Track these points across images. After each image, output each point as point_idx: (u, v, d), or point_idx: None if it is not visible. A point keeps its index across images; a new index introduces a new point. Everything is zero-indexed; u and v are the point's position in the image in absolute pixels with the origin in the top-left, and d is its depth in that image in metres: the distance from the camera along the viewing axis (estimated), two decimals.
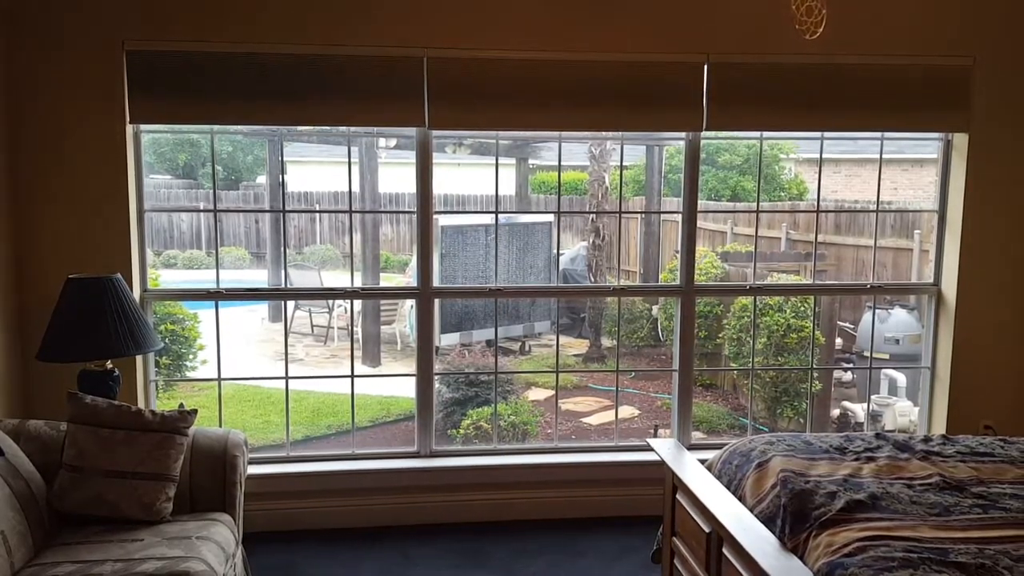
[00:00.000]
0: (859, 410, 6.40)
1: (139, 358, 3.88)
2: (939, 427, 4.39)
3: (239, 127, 5.08)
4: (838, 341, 7.38)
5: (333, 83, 3.82)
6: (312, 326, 9.48)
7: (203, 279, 10.82)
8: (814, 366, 6.04)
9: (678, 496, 2.99)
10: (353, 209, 8.52)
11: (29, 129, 3.68)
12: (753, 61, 4.00)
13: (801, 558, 2.35)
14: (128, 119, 3.75)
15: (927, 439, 3.09)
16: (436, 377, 4.43)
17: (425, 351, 4.20)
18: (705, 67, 3.99)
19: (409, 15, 3.81)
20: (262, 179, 14.01)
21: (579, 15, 3.90)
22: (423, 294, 4.16)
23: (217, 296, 4.08)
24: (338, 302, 9.05)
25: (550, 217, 9.73)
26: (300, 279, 9.99)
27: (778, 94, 4.08)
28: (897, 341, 6.75)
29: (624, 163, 7.39)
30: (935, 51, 4.10)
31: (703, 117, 4.03)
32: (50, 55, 3.65)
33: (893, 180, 11.70)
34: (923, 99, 4.15)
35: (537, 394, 7.43)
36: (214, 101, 3.78)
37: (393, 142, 11.49)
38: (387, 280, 11.11)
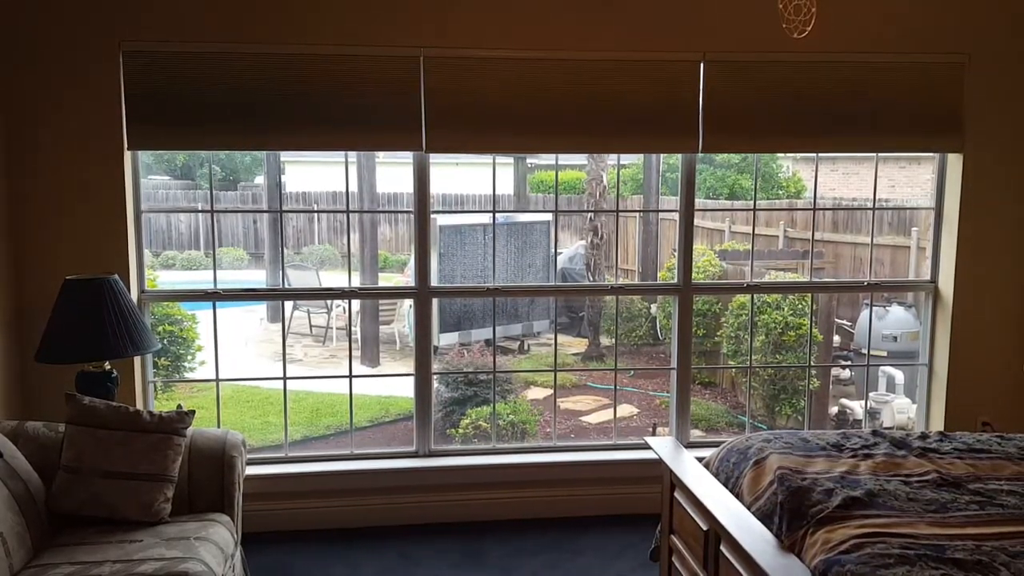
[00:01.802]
0: (857, 407, 6.41)
1: (137, 359, 3.88)
2: (937, 424, 4.40)
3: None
4: (836, 339, 7.39)
5: (331, 108, 3.81)
6: (311, 326, 9.48)
7: (201, 280, 10.82)
8: (812, 364, 6.04)
9: (676, 494, 3.00)
10: (351, 209, 8.53)
11: (26, 130, 3.68)
12: (749, 59, 4.00)
13: (798, 555, 2.35)
14: (127, 145, 3.76)
15: (924, 436, 3.09)
16: (435, 377, 4.43)
17: (423, 351, 4.20)
18: (701, 65, 3.99)
19: (406, 14, 3.81)
20: (260, 179, 14.02)
21: (577, 14, 3.90)
22: (421, 293, 4.16)
23: (215, 296, 4.08)
24: (337, 302, 9.05)
25: (548, 216, 9.73)
26: (298, 279, 9.99)
27: (772, 117, 4.08)
28: (895, 338, 6.76)
29: (622, 162, 7.39)
30: (928, 49, 4.10)
31: (698, 141, 4.05)
32: (47, 56, 3.65)
33: (890, 177, 11.70)
34: (919, 122, 4.16)
35: (536, 393, 7.44)
36: (211, 128, 3.78)
37: None
38: (386, 280, 11.12)
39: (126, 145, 3.76)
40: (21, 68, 3.65)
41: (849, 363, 7.45)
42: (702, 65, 4.00)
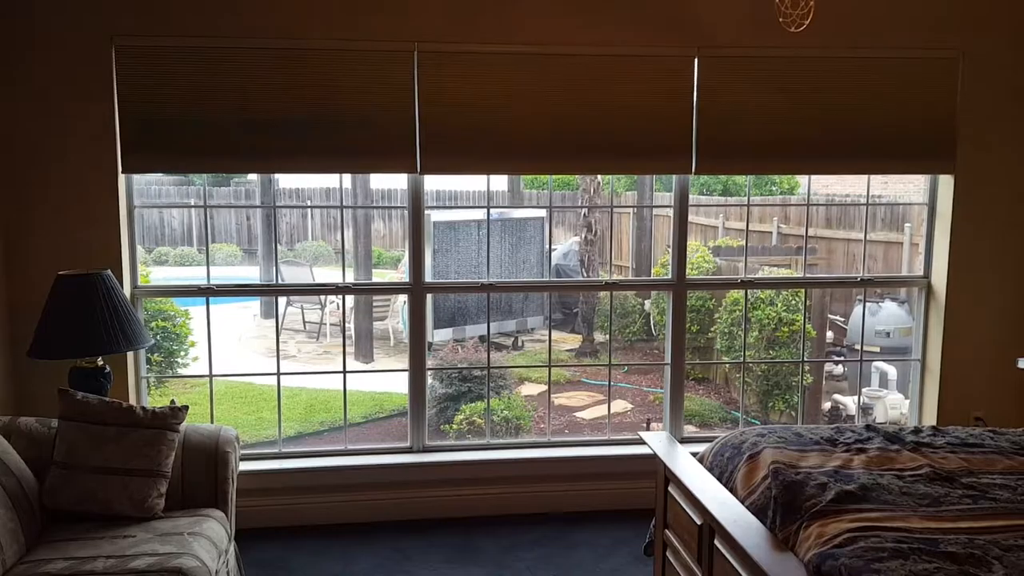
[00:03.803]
0: (850, 403, 6.43)
1: (130, 355, 3.87)
2: (929, 419, 4.41)
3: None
4: (829, 334, 7.41)
5: (328, 134, 3.82)
6: (304, 322, 9.46)
7: (194, 276, 10.79)
8: (805, 359, 6.06)
9: (670, 489, 3.00)
10: (344, 205, 8.51)
11: (19, 126, 3.67)
12: (743, 54, 4.01)
13: (792, 549, 2.36)
14: (121, 169, 3.76)
15: (917, 430, 3.09)
16: (429, 372, 4.43)
17: (417, 347, 4.20)
18: (696, 60, 3.99)
19: (401, 14, 3.81)
20: (253, 175, 13.96)
21: (572, 10, 3.90)
22: (415, 289, 4.16)
23: (208, 292, 4.07)
24: (330, 298, 9.03)
25: (542, 212, 9.72)
26: (292, 275, 9.97)
27: (765, 141, 4.09)
28: (888, 334, 6.79)
29: None
30: (922, 44, 4.11)
31: (692, 163, 4.06)
32: (40, 51, 3.63)
33: (884, 174, 11.73)
34: (911, 145, 4.18)
35: (530, 389, 7.44)
36: (206, 152, 3.79)
37: None
38: (380, 276, 11.10)
39: (120, 168, 3.76)
40: (14, 65, 3.63)
41: (842, 359, 7.48)
42: (696, 60, 3.99)
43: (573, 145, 3.99)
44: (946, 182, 4.31)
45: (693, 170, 4.08)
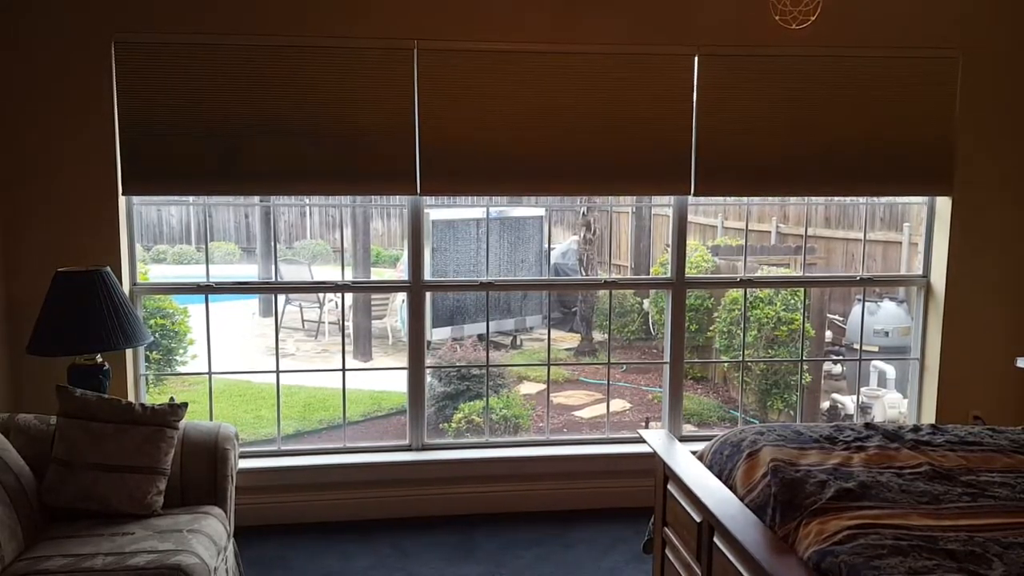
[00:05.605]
0: (849, 402, 6.44)
1: (129, 352, 3.87)
2: (928, 418, 4.42)
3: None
4: (828, 334, 7.41)
5: (329, 156, 3.84)
6: (303, 321, 9.46)
7: (193, 274, 10.78)
8: (804, 358, 6.06)
9: (669, 486, 3.00)
10: (343, 203, 8.51)
11: (16, 123, 3.66)
12: (742, 53, 4.01)
13: (791, 547, 2.36)
14: (121, 191, 3.77)
15: (917, 428, 3.09)
16: (427, 371, 4.43)
17: (416, 345, 4.19)
18: (695, 59, 3.99)
19: (400, 6, 3.81)
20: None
21: (572, 8, 3.90)
22: (414, 288, 4.15)
23: (207, 289, 4.06)
24: (329, 297, 9.02)
25: (541, 211, 9.72)
26: (291, 274, 9.96)
27: (762, 160, 4.10)
28: (886, 333, 6.79)
29: None
30: (921, 43, 4.11)
31: (691, 184, 4.07)
32: (38, 49, 3.63)
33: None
34: (909, 167, 4.20)
35: (529, 388, 7.44)
36: (207, 175, 3.80)
37: None
38: (378, 275, 11.09)
39: (120, 191, 3.77)
40: (12, 61, 3.63)
41: (841, 358, 7.48)
42: (696, 59, 3.99)
43: (572, 165, 4.00)
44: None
45: (692, 191, 4.09)
